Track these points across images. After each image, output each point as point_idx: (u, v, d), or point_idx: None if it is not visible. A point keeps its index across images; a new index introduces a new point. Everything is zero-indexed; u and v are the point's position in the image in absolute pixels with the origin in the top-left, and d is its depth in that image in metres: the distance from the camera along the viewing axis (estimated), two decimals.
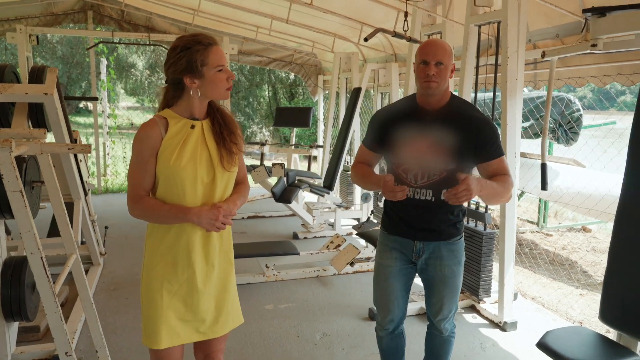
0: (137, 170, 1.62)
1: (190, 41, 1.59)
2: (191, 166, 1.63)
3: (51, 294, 1.92)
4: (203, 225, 1.63)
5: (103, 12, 7.07)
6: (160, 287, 1.66)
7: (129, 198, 1.64)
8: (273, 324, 3.36)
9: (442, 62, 1.93)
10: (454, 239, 2.12)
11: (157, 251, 1.67)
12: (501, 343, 3.14)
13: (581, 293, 4.18)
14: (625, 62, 2.96)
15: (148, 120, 1.64)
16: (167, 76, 1.65)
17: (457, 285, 2.19)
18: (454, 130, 1.96)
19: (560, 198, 4.69)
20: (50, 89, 2.59)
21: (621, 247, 2.25)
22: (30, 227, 1.85)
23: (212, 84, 1.62)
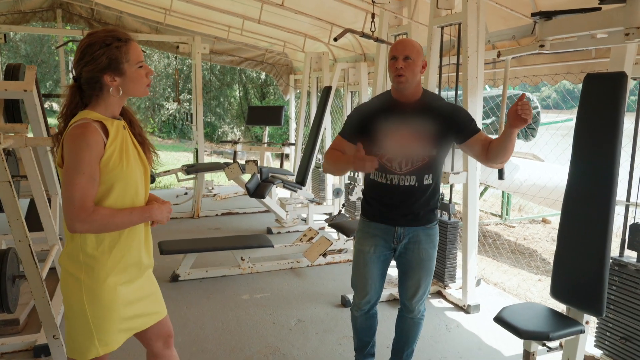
0: (84, 181, 1.48)
1: (108, 37, 1.52)
2: (137, 167, 1.64)
3: (39, 279, 2.01)
4: (162, 220, 1.69)
5: (72, 11, 7.04)
6: (114, 295, 1.60)
7: (76, 212, 1.47)
8: (249, 312, 3.49)
9: (409, 56, 2.09)
10: (431, 224, 2.31)
11: (109, 261, 1.59)
12: (465, 324, 3.35)
13: (540, 279, 4.45)
14: (573, 62, 3.22)
15: (83, 124, 1.49)
16: (79, 74, 1.54)
17: (432, 268, 2.37)
18: (432, 118, 2.15)
19: (518, 189, 4.97)
20: (29, 86, 2.65)
21: (567, 231, 2.47)
22: (19, 216, 1.94)
23: (133, 81, 1.57)
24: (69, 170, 1.49)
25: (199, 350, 2.97)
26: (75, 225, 1.49)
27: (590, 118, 2.36)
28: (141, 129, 1.76)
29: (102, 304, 1.59)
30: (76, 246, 1.58)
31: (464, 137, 2.17)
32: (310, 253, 4.30)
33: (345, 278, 4.13)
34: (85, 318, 1.57)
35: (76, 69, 1.55)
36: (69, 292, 1.60)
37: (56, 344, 2.14)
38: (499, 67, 4.01)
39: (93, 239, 1.58)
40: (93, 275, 1.58)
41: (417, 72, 2.13)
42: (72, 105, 1.58)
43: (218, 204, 6.90)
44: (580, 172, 2.42)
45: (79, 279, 1.57)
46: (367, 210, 2.38)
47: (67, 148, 1.50)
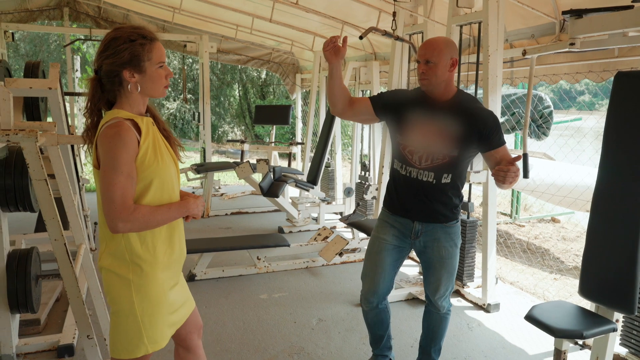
0: (123, 180, 1.47)
1: (134, 34, 1.53)
2: (170, 163, 1.64)
3: (74, 279, 1.99)
4: (197, 214, 1.69)
5: (79, 9, 7.00)
6: (163, 292, 1.63)
7: (118, 212, 1.46)
8: (270, 312, 3.47)
9: (430, 60, 2.11)
10: (450, 223, 2.29)
11: (155, 258, 1.60)
12: (486, 323, 3.35)
13: (555, 277, 4.45)
14: (595, 61, 3.22)
15: (116, 123, 1.50)
16: (99, 67, 1.54)
17: (454, 266, 2.36)
18: (460, 119, 2.14)
19: (536, 189, 4.98)
20: (54, 84, 2.63)
21: (596, 230, 2.47)
22: (55, 215, 1.92)
23: (152, 80, 1.56)
24: (107, 170, 1.48)
25: (223, 349, 2.95)
26: (118, 225, 1.48)
27: (622, 116, 2.36)
28: (165, 124, 1.76)
29: (151, 302, 1.60)
30: (120, 246, 1.58)
31: (486, 148, 2.18)
32: (326, 252, 4.29)
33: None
34: (135, 317, 1.57)
35: (97, 61, 1.56)
36: (117, 293, 1.59)
37: (90, 344, 2.13)
38: (517, 66, 4.00)
39: (136, 237, 1.58)
40: (142, 274, 1.58)
41: (440, 73, 2.12)
42: (95, 99, 1.57)
43: (227, 204, 6.88)
44: (611, 170, 2.42)
45: (127, 279, 1.57)
46: (387, 201, 2.42)
47: (102, 148, 1.50)
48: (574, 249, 5.24)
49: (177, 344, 1.88)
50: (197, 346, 1.90)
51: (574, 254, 5.10)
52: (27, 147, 1.83)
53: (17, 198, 2.49)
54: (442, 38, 2.19)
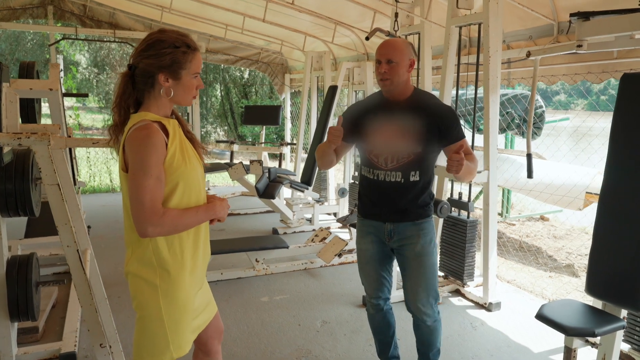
0: (152, 183, 1.45)
1: (179, 40, 1.53)
2: (197, 165, 1.64)
3: (87, 287, 1.93)
4: (223, 217, 1.68)
5: (64, 8, 6.84)
6: (189, 296, 1.60)
7: (147, 216, 1.44)
8: (273, 315, 3.44)
9: (392, 60, 2.12)
10: (421, 219, 2.27)
11: (182, 262, 1.57)
12: (489, 322, 3.38)
13: (550, 275, 4.52)
14: (594, 62, 3.27)
15: (145, 125, 1.48)
16: (137, 64, 1.52)
17: (432, 265, 2.29)
18: (419, 117, 2.16)
19: (524, 186, 5.04)
20: (55, 85, 2.56)
21: (603, 228, 2.51)
22: (67, 221, 1.86)
23: (184, 89, 1.56)
24: (136, 173, 1.46)
25: (229, 354, 2.91)
26: (148, 229, 1.46)
27: (628, 117, 2.40)
28: (188, 127, 1.74)
29: (178, 307, 1.58)
30: (147, 251, 1.55)
31: (446, 142, 2.20)
32: (324, 253, 4.27)
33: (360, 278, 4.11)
34: (161, 322, 1.55)
35: (136, 58, 1.54)
36: (144, 298, 1.57)
37: (103, 353, 2.07)
38: (514, 67, 4.05)
39: (164, 241, 1.56)
40: (170, 279, 1.56)
41: (402, 73, 2.15)
42: (126, 95, 1.56)
43: None
44: (618, 170, 2.45)
45: (154, 284, 1.55)
46: (360, 207, 2.42)
47: (131, 151, 1.48)
48: (565, 247, 5.33)
49: (197, 348, 1.86)
50: (217, 351, 1.88)
51: (566, 252, 5.18)
52: (40, 150, 1.77)
53: (18, 203, 2.41)
54: (402, 39, 2.24)
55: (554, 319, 2.34)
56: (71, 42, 8.25)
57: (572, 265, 4.79)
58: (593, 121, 4.44)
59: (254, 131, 14.53)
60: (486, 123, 3.45)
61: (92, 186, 7.78)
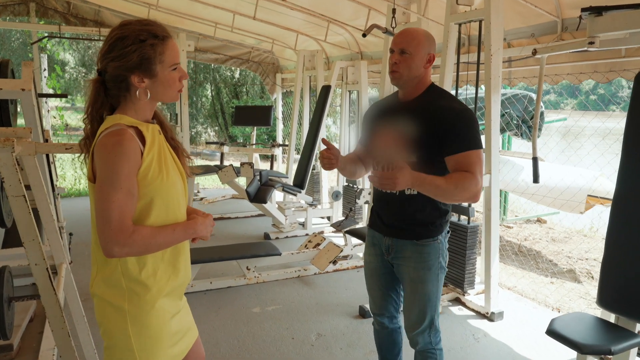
0: (121, 197, 1.27)
1: (144, 32, 1.32)
2: (177, 178, 1.45)
3: (58, 308, 1.74)
4: (206, 235, 1.48)
5: (47, 5, 6.59)
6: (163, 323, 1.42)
7: (113, 234, 1.26)
8: (264, 327, 3.26)
9: (406, 50, 1.86)
10: (422, 240, 1.96)
11: (155, 284, 1.38)
12: (492, 333, 3.22)
13: (551, 281, 4.38)
14: (600, 60, 3.13)
15: (117, 130, 1.29)
16: (104, 69, 1.35)
17: (427, 294, 2.00)
18: (417, 120, 1.87)
19: (526, 191, 4.91)
20: (28, 85, 2.35)
21: (617, 237, 2.36)
22: (35, 236, 1.67)
23: (164, 85, 1.37)
24: (104, 185, 1.28)
25: None
26: (114, 249, 1.27)
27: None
28: (173, 133, 1.55)
29: (150, 335, 1.39)
30: (115, 271, 1.37)
31: (445, 152, 1.85)
32: (318, 261, 4.10)
33: (356, 286, 3.95)
34: (131, 353, 1.36)
35: (101, 62, 1.35)
36: (110, 324, 1.38)
37: None
38: (515, 66, 3.90)
39: (134, 261, 1.37)
40: (139, 303, 1.37)
41: (415, 67, 1.87)
42: (97, 104, 1.38)
43: (207, 208, 6.60)
44: (633, 174, 2.31)
45: (121, 309, 1.37)
46: (370, 216, 2.20)
47: (100, 159, 1.30)
48: (565, 251, 5.20)
49: None
50: None
51: (566, 256, 5.05)
52: (2, 159, 1.58)
53: None
54: (423, 30, 1.94)
55: (567, 336, 2.19)
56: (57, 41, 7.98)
57: (573, 270, 4.66)
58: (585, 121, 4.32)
59: (245, 132, 14.31)
60: (487, 124, 3.30)
61: (77, 189, 7.54)
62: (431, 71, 1.96)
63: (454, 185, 1.78)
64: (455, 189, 1.79)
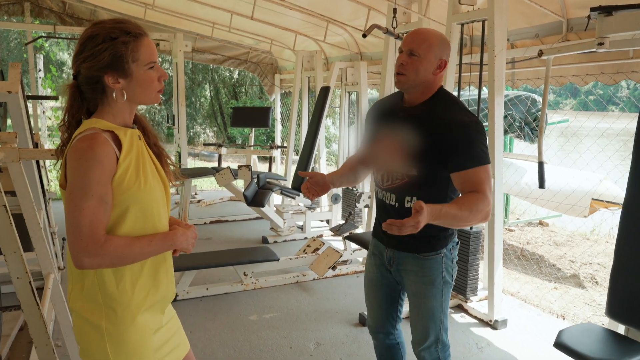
0: (93, 204, 1.19)
1: (115, 30, 1.25)
2: (157, 185, 1.37)
3: (42, 324, 1.65)
4: (187, 247, 1.40)
5: (42, 4, 6.50)
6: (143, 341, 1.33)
7: (84, 244, 1.18)
8: (262, 336, 3.17)
9: (415, 51, 1.71)
10: (424, 254, 1.86)
11: (133, 299, 1.30)
12: (495, 342, 3.13)
13: (555, 287, 4.29)
14: (607, 62, 3.04)
15: (90, 135, 1.22)
16: (77, 71, 1.28)
17: (430, 309, 1.90)
18: (420, 131, 1.73)
19: (530, 194, 4.82)
20: (14, 87, 2.26)
21: (627, 244, 2.27)
22: (17, 248, 1.58)
23: (141, 85, 1.30)
24: (75, 192, 1.21)
25: None
26: (83, 259, 1.19)
27: None
28: (156, 139, 1.47)
29: (129, 353, 1.31)
30: (92, 285, 1.28)
31: (451, 168, 1.72)
32: (317, 266, 4.01)
33: (356, 292, 3.86)
34: None
35: (74, 64, 1.29)
36: (88, 343, 1.31)
37: None
38: (518, 67, 3.81)
39: (111, 274, 1.29)
40: (116, 320, 1.29)
41: (423, 71, 1.72)
42: (74, 109, 1.31)
43: (205, 211, 6.51)
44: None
45: (99, 327, 1.28)
46: (374, 224, 2.09)
47: (71, 165, 1.22)
48: (568, 255, 5.11)
49: None
50: None
51: (569, 260, 4.96)
52: None
53: None
54: (439, 33, 1.78)
55: (576, 349, 2.10)
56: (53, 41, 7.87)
57: (577, 275, 4.57)
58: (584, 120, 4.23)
59: (244, 132, 14.21)
60: (491, 127, 3.21)
61: None
62: (442, 78, 1.81)
63: (468, 210, 1.64)
64: (470, 213, 1.65)
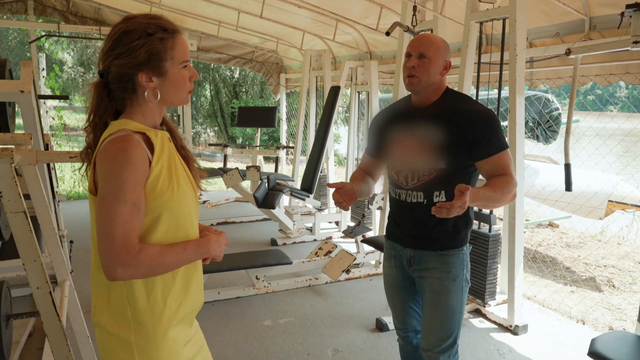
0: (126, 211, 1.12)
1: (152, 25, 1.19)
2: (189, 191, 1.29)
3: (62, 337, 1.56)
4: (219, 255, 1.32)
5: (45, 3, 6.42)
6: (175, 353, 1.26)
7: (117, 254, 1.10)
8: (277, 342, 3.09)
9: (425, 54, 1.81)
10: (448, 250, 1.90)
11: (165, 312, 1.22)
12: (517, 348, 3.05)
13: (571, 290, 4.22)
14: (633, 61, 2.97)
15: (123, 136, 1.14)
16: (106, 68, 1.20)
17: (451, 307, 1.91)
18: (442, 126, 1.81)
19: (538, 195, 4.75)
20: (27, 86, 2.18)
21: None
22: (37, 257, 1.49)
23: (174, 85, 1.23)
24: (107, 198, 1.12)
25: None
26: (117, 270, 1.11)
27: None
28: (183, 141, 1.38)
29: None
30: (120, 297, 1.20)
31: (475, 157, 1.81)
32: (330, 269, 3.93)
33: (370, 296, 3.79)
34: None
35: (104, 61, 1.20)
36: (115, 359, 1.22)
37: None
38: (537, 67, 3.74)
39: (142, 286, 1.20)
40: (147, 334, 1.20)
41: (433, 72, 1.82)
42: (101, 110, 1.23)
43: (211, 212, 6.42)
44: None
45: (128, 342, 1.20)
46: (387, 226, 2.11)
47: (102, 169, 1.14)
48: (581, 257, 5.04)
49: None
50: None
51: (584, 263, 4.89)
52: (0, 170, 1.40)
53: None
54: (440, 37, 1.91)
55: (613, 359, 2.03)
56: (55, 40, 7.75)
57: (593, 278, 4.50)
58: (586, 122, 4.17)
59: (246, 132, 14.12)
60: (512, 127, 3.14)
61: (77, 192, 7.35)
62: (446, 78, 1.91)
63: (501, 191, 1.75)
64: (502, 194, 1.76)
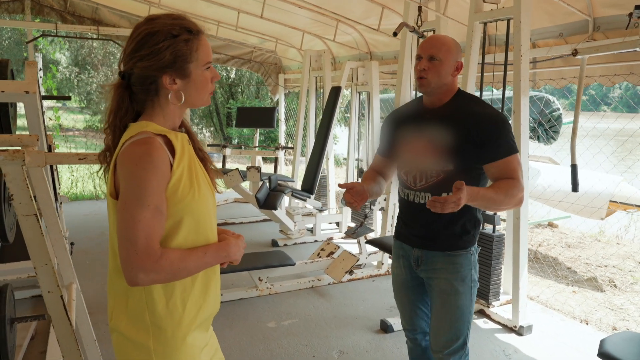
0: (149, 216, 1.10)
1: (176, 26, 1.17)
2: (208, 194, 1.27)
3: (74, 342, 1.54)
4: (238, 258, 1.31)
5: (42, 2, 6.35)
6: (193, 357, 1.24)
7: (140, 259, 1.08)
8: (282, 344, 3.07)
9: (435, 56, 1.81)
10: (456, 251, 1.90)
11: (184, 317, 1.20)
12: (522, 349, 3.05)
13: (573, 290, 4.23)
14: (638, 62, 2.97)
15: (145, 139, 1.13)
16: (129, 69, 1.18)
17: (460, 307, 1.90)
18: (451, 127, 1.81)
19: (541, 196, 4.75)
20: (32, 87, 2.15)
21: None
22: (48, 260, 1.47)
23: (197, 87, 1.21)
24: (129, 202, 1.10)
25: None
26: (139, 276, 1.09)
27: None
28: (200, 143, 1.37)
29: None
30: (138, 303, 1.18)
31: (484, 160, 1.80)
32: (333, 270, 3.92)
33: (374, 297, 3.78)
34: None
35: (127, 62, 1.19)
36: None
37: None
38: (539, 68, 3.74)
39: (161, 291, 1.18)
40: (166, 340, 1.19)
41: (444, 74, 1.83)
42: (122, 111, 1.21)
43: None
44: None
45: (146, 347, 1.18)
46: (396, 227, 2.12)
47: (125, 172, 1.12)
48: (582, 257, 5.05)
49: None
50: None
51: (584, 263, 4.90)
52: (11, 173, 1.38)
53: None
54: (451, 38, 1.90)
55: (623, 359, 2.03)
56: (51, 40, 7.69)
57: (594, 278, 4.51)
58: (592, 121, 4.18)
59: (242, 133, 14.08)
60: (517, 128, 3.13)
61: (74, 193, 7.30)
62: (457, 79, 1.91)
63: (504, 194, 1.74)
64: (505, 197, 1.74)
